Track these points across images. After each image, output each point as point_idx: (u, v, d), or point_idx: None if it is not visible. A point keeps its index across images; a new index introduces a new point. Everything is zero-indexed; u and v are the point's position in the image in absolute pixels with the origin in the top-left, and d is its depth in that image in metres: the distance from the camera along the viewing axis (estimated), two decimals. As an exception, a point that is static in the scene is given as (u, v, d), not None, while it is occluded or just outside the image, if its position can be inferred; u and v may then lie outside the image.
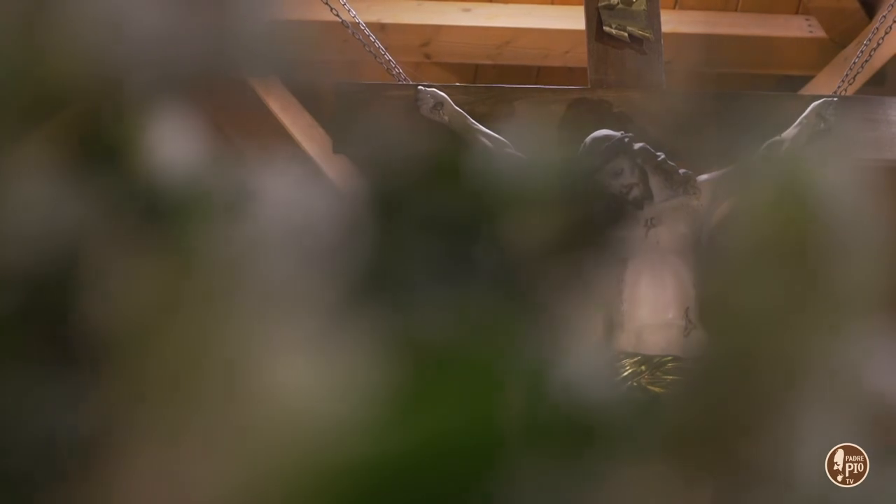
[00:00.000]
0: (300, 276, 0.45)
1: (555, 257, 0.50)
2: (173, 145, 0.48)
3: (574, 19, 3.74)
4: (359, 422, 0.43)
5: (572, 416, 0.46)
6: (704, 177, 3.07)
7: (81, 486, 0.42)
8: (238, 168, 0.48)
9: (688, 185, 3.05)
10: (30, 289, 0.43)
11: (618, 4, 3.30)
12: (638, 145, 3.03)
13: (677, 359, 2.84)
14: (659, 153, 3.04)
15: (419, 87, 3.21)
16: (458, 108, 3.14)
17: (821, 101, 3.27)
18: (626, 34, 3.28)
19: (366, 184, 0.50)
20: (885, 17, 3.55)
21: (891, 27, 3.52)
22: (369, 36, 3.36)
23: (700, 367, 0.48)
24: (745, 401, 0.47)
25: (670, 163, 3.05)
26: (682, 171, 3.05)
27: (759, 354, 0.48)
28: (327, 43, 4.03)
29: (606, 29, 3.28)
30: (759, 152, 3.13)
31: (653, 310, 2.92)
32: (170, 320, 0.43)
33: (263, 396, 0.42)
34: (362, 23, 3.39)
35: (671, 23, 3.98)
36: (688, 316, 2.90)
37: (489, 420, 0.44)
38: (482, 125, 3.11)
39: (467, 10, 4.18)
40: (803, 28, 4.26)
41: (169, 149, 0.47)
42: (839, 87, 3.48)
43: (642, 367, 2.87)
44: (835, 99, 3.31)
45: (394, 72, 3.33)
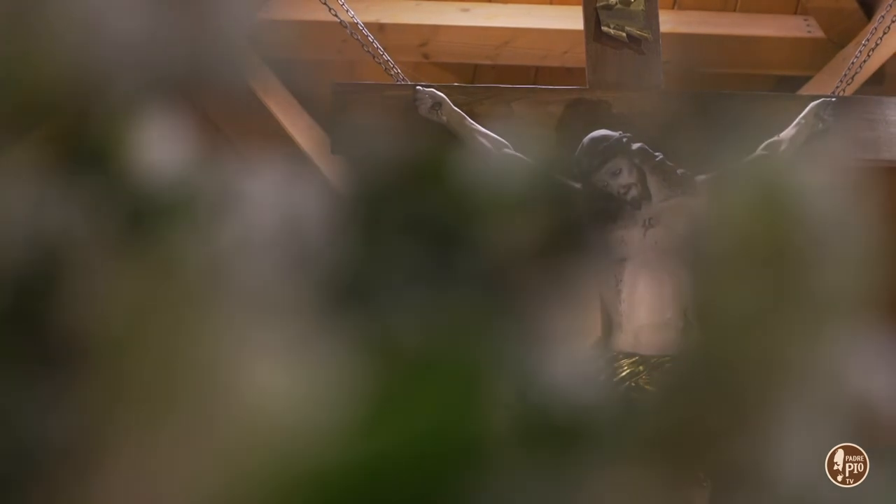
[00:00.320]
0: (281, 279, 0.45)
1: (545, 259, 0.50)
2: (156, 148, 0.48)
3: (573, 19, 3.74)
4: (338, 426, 0.43)
5: (553, 419, 0.46)
6: (703, 177, 3.07)
7: (57, 489, 0.42)
8: (221, 171, 0.48)
9: (686, 186, 3.05)
10: (11, 291, 0.43)
11: (616, 4, 3.30)
12: (636, 145, 3.03)
13: (675, 359, 2.83)
14: (657, 153, 3.04)
15: (417, 87, 3.21)
16: (456, 109, 3.14)
17: (819, 102, 3.27)
18: (624, 34, 3.28)
19: (358, 185, 0.50)
20: (883, 17, 3.55)
21: (889, 27, 3.52)
22: (367, 36, 3.36)
23: (688, 369, 0.48)
24: (731, 402, 0.47)
25: (668, 163, 3.05)
26: (680, 171, 3.05)
27: (746, 356, 0.48)
28: (326, 43, 4.03)
29: (605, 29, 3.28)
30: (757, 152, 3.14)
31: (651, 310, 2.92)
32: (150, 323, 0.43)
33: (242, 400, 0.42)
34: (360, 23, 3.39)
35: (669, 23, 3.98)
36: (686, 316, 2.90)
37: (468, 424, 0.44)
38: (480, 125, 3.11)
39: (466, 10, 4.18)
40: (802, 28, 4.26)
41: (152, 151, 0.47)
42: (837, 88, 3.48)
43: (640, 368, 2.87)
44: (833, 99, 3.31)
45: (392, 72, 3.33)
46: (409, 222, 0.48)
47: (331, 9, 3.34)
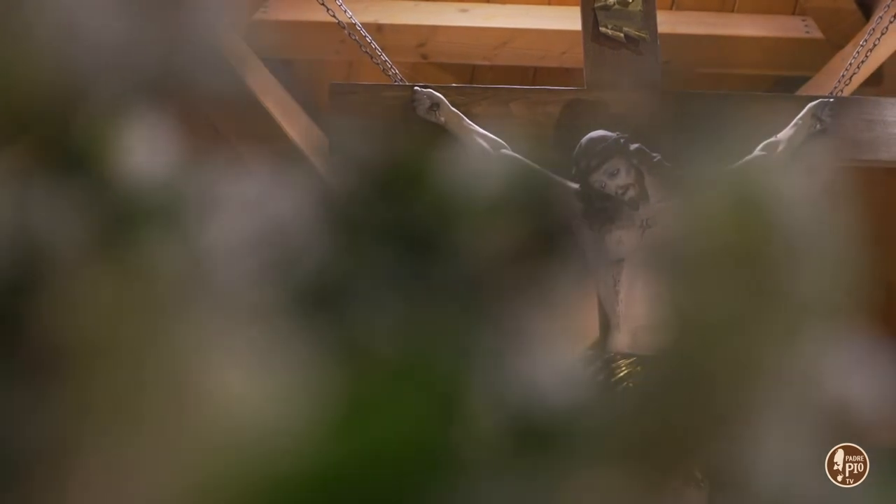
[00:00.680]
0: (259, 283, 0.45)
1: (534, 261, 0.50)
2: (138, 152, 0.48)
3: (571, 20, 3.74)
4: (311, 430, 0.43)
5: (534, 422, 0.45)
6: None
7: (30, 493, 0.42)
8: (203, 174, 0.48)
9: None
10: None
11: (614, 5, 3.30)
12: (634, 146, 3.03)
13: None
14: (655, 154, 3.05)
15: (415, 87, 3.21)
16: (454, 109, 3.14)
17: (817, 102, 3.27)
18: (621, 35, 3.28)
19: (347, 186, 0.50)
20: (881, 17, 3.56)
21: (887, 28, 3.52)
22: (365, 36, 3.36)
23: (666, 371, 0.49)
24: (705, 407, 0.47)
25: (666, 163, 3.05)
26: (678, 172, 3.05)
27: (725, 359, 0.48)
28: (324, 43, 4.03)
29: (602, 30, 3.28)
30: (754, 153, 3.14)
31: (649, 311, 2.91)
32: (126, 327, 0.43)
33: (217, 404, 0.42)
34: (358, 23, 3.39)
35: (668, 23, 3.98)
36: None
37: (442, 430, 0.44)
38: (478, 126, 3.11)
39: (464, 10, 4.18)
40: (800, 29, 4.26)
41: (133, 155, 0.47)
42: (835, 88, 3.48)
43: (638, 368, 2.87)
44: (831, 100, 3.31)
45: (390, 72, 3.32)
46: (396, 224, 0.48)
47: (329, 9, 3.34)
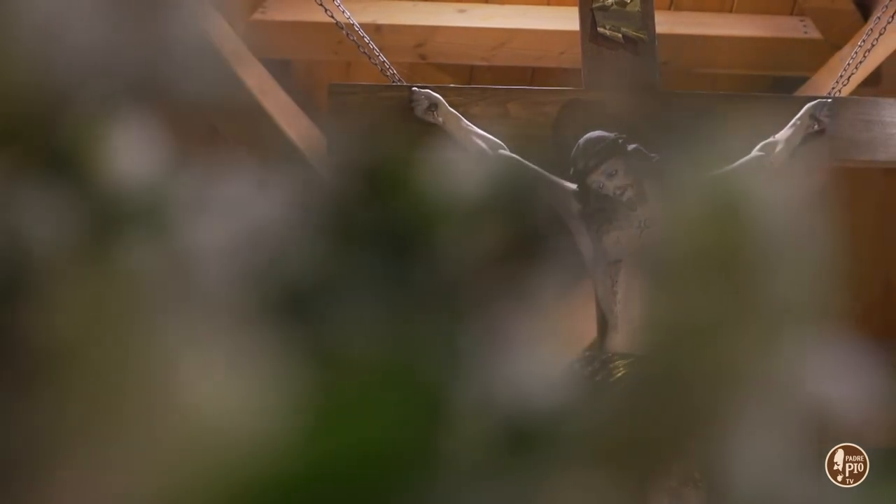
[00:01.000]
0: (237, 287, 0.45)
1: (515, 265, 0.50)
2: (118, 157, 0.47)
3: (569, 20, 3.74)
4: (287, 435, 0.43)
5: (516, 424, 0.45)
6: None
7: (7, 499, 0.42)
8: (184, 178, 0.48)
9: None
10: None
11: (612, 6, 3.30)
12: (632, 146, 3.03)
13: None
14: (653, 154, 3.05)
15: (413, 88, 3.21)
16: (452, 110, 3.14)
17: (815, 102, 3.27)
18: (619, 35, 3.28)
19: (335, 187, 0.50)
20: (879, 17, 3.56)
21: (885, 28, 3.52)
22: (363, 37, 3.36)
23: (646, 374, 0.49)
24: (692, 408, 0.47)
25: (664, 164, 3.05)
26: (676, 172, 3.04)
27: (706, 363, 0.48)
28: (322, 44, 4.03)
29: (600, 30, 3.28)
30: (752, 153, 3.14)
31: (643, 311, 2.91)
32: (103, 334, 0.43)
33: (192, 408, 0.42)
34: (356, 24, 3.39)
35: (666, 24, 3.98)
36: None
37: (420, 433, 0.44)
38: (476, 126, 3.11)
39: (462, 11, 4.18)
40: (798, 29, 4.26)
41: (114, 160, 0.47)
42: (833, 89, 3.48)
43: (636, 369, 2.87)
44: (829, 100, 3.31)
45: (388, 73, 3.32)
46: (384, 226, 0.48)
47: (327, 10, 3.34)
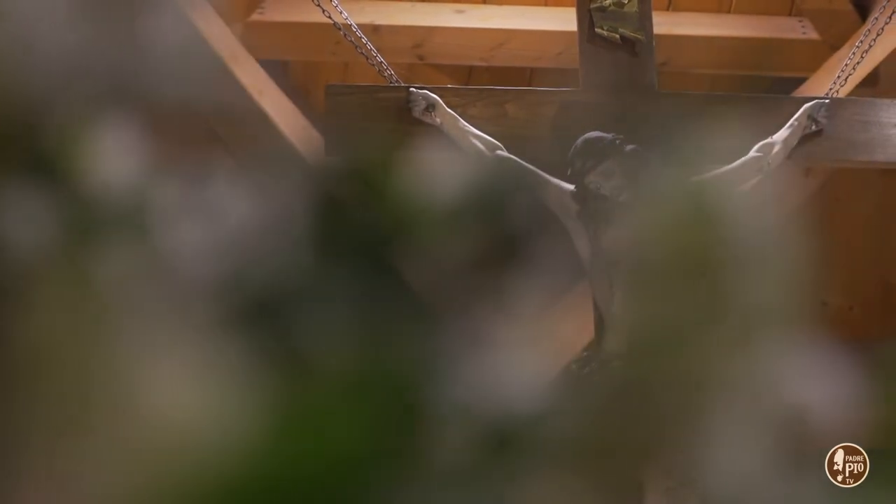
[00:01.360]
0: (209, 293, 0.45)
1: (493, 269, 0.50)
2: (96, 163, 0.47)
3: (567, 21, 3.74)
4: (260, 440, 0.43)
5: (486, 430, 0.45)
6: (696, 179, 3.06)
7: None
8: (161, 184, 0.48)
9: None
10: None
11: (609, 6, 3.30)
12: (629, 147, 3.03)
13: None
14: (650, 155, 3.04)
15: (411, 88, 3.20)
16: (449, 110, 3.14)
17: (812, 103, 3.27)
18: (617, 36, 3.28)
19: (318, 189, 0.50)
20: (876, 18, 3.56)
21: (883, 29, 3.52)
22: (361, 38, 3.36)
23: (621, 380, 0.49)
24: (661, 414, 0.47)
25: (662, 165, 3.05)
26: (674, 173, 3.04)
27: (674, 369, 0.48)
28: (320, 44, 4.03)
29: (598, 31, 3.28)
30: (750, 154, 3.14)
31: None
32: (71, 339, 0.43)
33: (159, 414, 0.42)
34: (354, 24, 3.39)
35: (664, 24, 3.98)
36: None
37: (395, 437, 0.44)
38: (474, 127, 3.11)
39: (460, 11, 4.18)
40: (797, 30, 4.26)
41: (92, 166, 0.47)
42: (831, 89, 3.48)
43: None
44: (826, 101, 3.31)
45: (386, 73, 3.32)
46: (364, 230, 0.48)
47: (324, 11, 3.33)
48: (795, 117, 3.23)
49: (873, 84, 3.97)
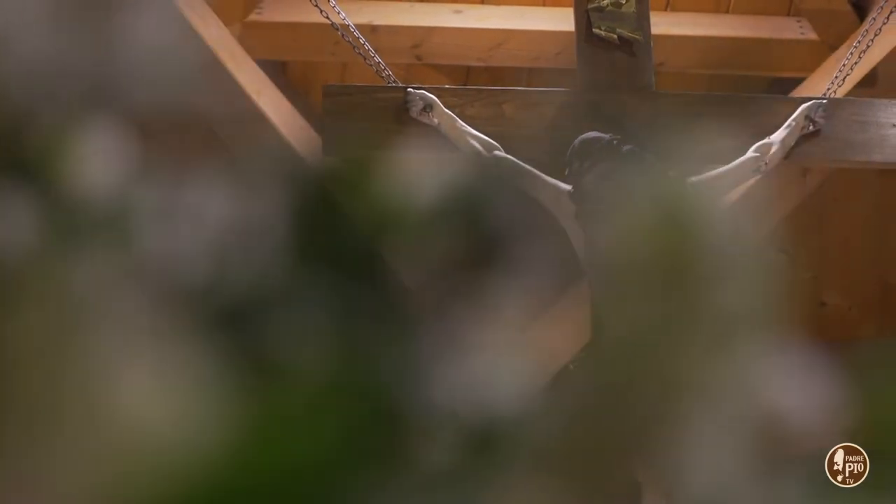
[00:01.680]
0: (176, 299, 0.45)
1: (475, 273, 0.50)
2: (79, 166, 0.47)
3: (565, 21, 3.74)
4: (226, 447, 0.42)
5: (462, 434, 0.45)
6: (694, 179, 3.07)
7: None
8: (139, 188, 0.48)
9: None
10: None
11: (607, 6, 3.30)
12: (627, 147, 3.03)
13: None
14: (648, 156, 3.04)
15: (409, 89, 3.21)
16: (447, 111, 3.14)
17: (810, 103, 3.28)
18: (615, 36, 3.28)
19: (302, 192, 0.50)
20: (874, 18, 3.56)
21: (881, 29, 3.52)
22: (359, 38, 3.36)
23: (595, 384, 0.49)
24: (637, 418, 0.47)
25: (659, 165, 3.05)
26: (671, 173, 3.05)
27: (653, 372, 0.48)
28: (318, 45, 4.03)
29: (596, 31, 3.28)
30: (747, 154, 3.14)
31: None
32: (38, 343, 0.43)
33: (127, 420, 0.42)
34: (352, 25, 3.39)
35: (662, 25, 3.98)
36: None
37: (364, 444, 0.44)
38: (472, 127, 3.11)
39: (459, 11, 4.18)
40: (795, 30, 4.26)
41: (75, 169, 0.47)
42: (829, 89, 3.48)
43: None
44: (824, 101, 3.31)
45: (383, 74, 3.32)
46: (341, 234, 0.48)
47: (322, 11, 3.33)
48: (793, 117, 3.23)
49: (871, 84, 3.97)
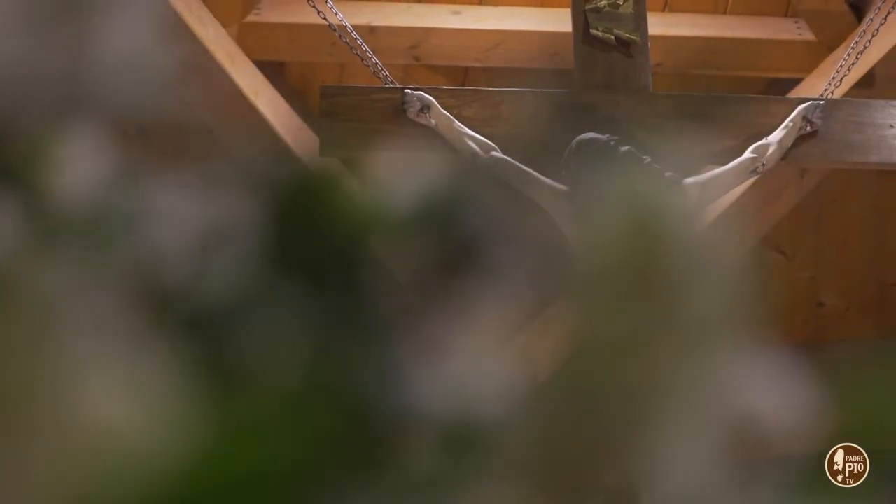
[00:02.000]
0: (145, 305, 0.45)
1: (454, 277, 0.50)
2: (60, 170, 0.47)
3: (562, 22, 3.74)
4: (195, 454, 0.42)
5: (431, 441, 0.45)
6: (691, 180, 3.07)
7: None
8: (118, 192, 0.47)
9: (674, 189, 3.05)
10: None
11: (604, 7, 3.30)
12: (624, 148, 3.03)
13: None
14: (645, 156, 3.04)
15: (406, 90, 3.21)
16: (444, 112, 3.14)
17: (807, 104, 3.28)
18: (612, 37, 3.29)
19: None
20: (872, 19, 3.56)
21: (878, 30, 3.53)
22: (356, 39, 3.36)
23: (567, 389, 0.49)
24: (607, 424, 0.47)
25: (657, 166, 3.05)
26: (668, 174, 3.05)
27: (627, 377, 0.48)
28: (316, 45, 4.03)
29: (593, 32, 3.28)
30: (745, 155, 3.14)
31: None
32: (5, 345, 0.43)
33: (95, 423, 0.42)
34: (349, 25, 3.39)
35: (660, 25, 3.98)
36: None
37: (334, 451, 0.44)
38: (469, 128, 3.11)
39: (457, 12, 4.19)
40: (792, 31, 4.27)
41: (56, 173, 0.47)
42: (826, 90, 3.48)
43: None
44: (821, 101, 3.31)
45: (381, 75, 3.32)
46: (317, 239, 0.48)
47: (320, 12, 3.33)
48: (790, 118, 3.23)
49: (868, 85, 3.97)
